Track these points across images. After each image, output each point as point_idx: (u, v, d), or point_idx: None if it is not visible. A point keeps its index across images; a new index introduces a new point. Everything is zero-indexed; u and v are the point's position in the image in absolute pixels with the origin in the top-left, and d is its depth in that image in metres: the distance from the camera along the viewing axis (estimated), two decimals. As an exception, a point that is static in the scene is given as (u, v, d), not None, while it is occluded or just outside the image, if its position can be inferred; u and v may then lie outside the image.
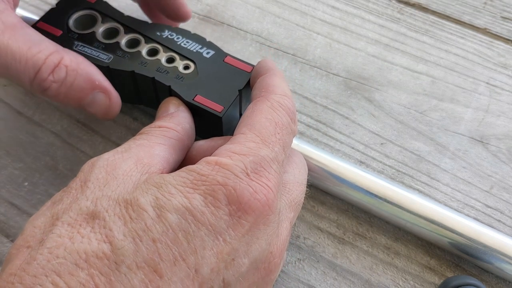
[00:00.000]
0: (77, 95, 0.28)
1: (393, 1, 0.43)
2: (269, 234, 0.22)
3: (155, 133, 0.26)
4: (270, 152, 0.23)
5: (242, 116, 0.26)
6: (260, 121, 0.24)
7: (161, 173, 0.23)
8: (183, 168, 0.22)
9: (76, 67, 0.27)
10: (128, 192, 0.21)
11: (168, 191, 0.20)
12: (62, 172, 0.33)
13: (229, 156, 0.22)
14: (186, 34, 0.32)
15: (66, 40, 0.31)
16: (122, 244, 0.19)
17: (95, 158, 0.23)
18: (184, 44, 0.31)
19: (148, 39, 0.31)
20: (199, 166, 0.21)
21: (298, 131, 0.36)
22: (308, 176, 0.31)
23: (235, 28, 0.41)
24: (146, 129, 0.26)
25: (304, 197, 0.32)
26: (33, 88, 0.27)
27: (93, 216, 0.20)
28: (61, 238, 0.19)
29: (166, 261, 0.19)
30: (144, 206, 0.20)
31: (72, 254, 0.18)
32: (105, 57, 0.30)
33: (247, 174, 0.21)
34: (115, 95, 0.29)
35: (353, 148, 0.35)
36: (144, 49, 0.31)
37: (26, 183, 0.33)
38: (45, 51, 0.26)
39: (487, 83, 0.38)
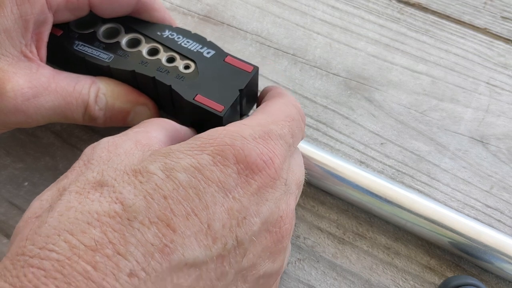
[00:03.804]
0: (121, 115, 0.31)
1: (393, 1, 0.43)
2: (277, 198, 0.23)
3: (151, 122, 0.27)
4: (279, 130, 0.24)
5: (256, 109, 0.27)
6: (271, 109, 0.26)
7: None
8: (190, 138, 0.23)
9: (111, 93, 0.30)
10: (135, 164, 0.21)
11: (176, 156, 0.21)
12: (62, 172, 0.33)
13: (238, 125, 0.23)
14: (186, 34, 0.32)
15: (66, 40, 0.31)
16: (133, 202, 0.19)
17: (95, 143, 0.24)
18: (185, 44, 0.31)
19: (149, 39, 0.31)
20: (206, 133, 0.22)
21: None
22: (308, 175, 0.31)
23: (235, 28, 0.41)
24: (143, 121, 0.27)
25: (304, 197, 0.32)
26: (85, 120, 0.30)
27: (101, 184, 0.20)
28: (71, 203, 0.19)
29: (178, 216, 0.19)
30: (153, 171, 0.20)
31: (84, 214, 0.18)
32: (105, 56, 0.30)
33: (255, 138, 0.22)
34: (153, 103, 0.32)
35: (353, 148, 0.35)
36: (144, 48, 0.31)
37: (26, 183, 0.33)
38: (86, 86, 0.29)
39: (487, 83, 0.38)
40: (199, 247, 0.19)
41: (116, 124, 0.32)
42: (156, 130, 0.25)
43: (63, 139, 0.34)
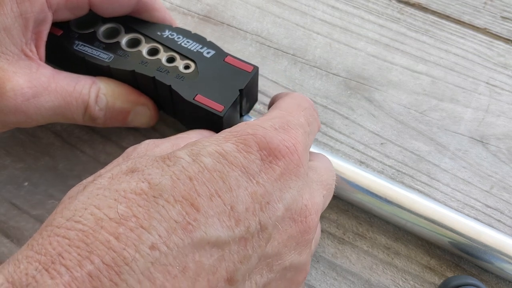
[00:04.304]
0: (121, 115, 0.31)
1: (393, 1, 0.43)
2: (300, 186, 0.23)
3: (195, 130, 0.28)
4: (296, 119, 0.25)
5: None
6: (282, 105, 0.27)
7: None
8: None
9: (112, 93, 0.30)
10: (165, 153, 0.22)
11: (202, 144, 0.22)
12: (62, 172, 0.33)
13: (257, 119, 0.24)
14: (186, 34, 0.32)
15: (66, 40, 0.31)
16: (160, 181, 0.19)
17: (137, 144, 0.26)
18: (185, 44, 0.31)
19: (149, 39, 0.31)
20: (230, 128, 0.23)
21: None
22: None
23: (235, 28, 0.41)
24: (190, 130, 0.29)
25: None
26: (85, 120, 0.31)
27: (132, 170, 0.20)
28: (101, 184, 0.20)
29: (203, 196, 0.19)
30: (180, 155, 0.21)
31: (112, 192, 0.19)
32: (105, 56, 0.30)
33: (275, 128, 0.23)
34: (153, 104, 0.32)
35: (353, 148, 0.35)
36: (144, 48, 0.31)
37: (26, 183, 0.33)
38: (86, 86, 0.29)
39: (487, 83, 0.38)
40: (222, 227, 0.19)
41: (116, 124, 0.32)
42: (196, 137, 0.26)
43: (63, 139, 0.34)
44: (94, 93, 0.30)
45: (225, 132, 0.23)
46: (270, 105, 0.31)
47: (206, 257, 0.19)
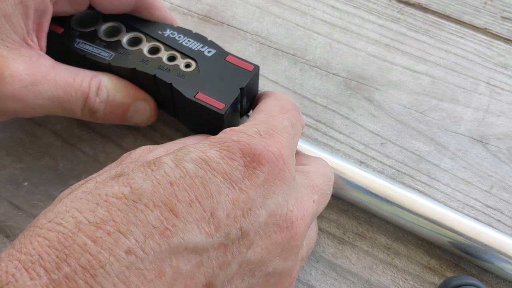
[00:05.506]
0: (120, 110, 0.31)
1: (393, 1, 0.43)
2: (285, 191, 0.23)
3: (194, 136, 0.28)
4: (280, 123, 0.25)
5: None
6: (266, 107, 0.27)
7: None
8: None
9: (113, 86, 0.30)
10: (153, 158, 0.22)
11: (187, 150, 0.22)
12: (62, 172, 0.33)
13: (243, 125, 0.24)
14: (187, 33, 0.32)
15: (67, 38, 0.31)
16: (140, 185, 0.19)
17: (132, 150, 0.26)
18: (186, 42, 0.31)
19: (150, 38, 0.31)
20: (217, 135, 0.23)
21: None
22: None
23: (235, 28, 0.41)
24: (188, 136, 0.29)
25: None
26: (84, 114, 0.30)
27: (119, 175, 0.21)
28: (88, 188, 0.20)
29: (182, 202, 0.19)
30: (165, 160, 0.21)
31: (94, 196, 0.19)
32: (106, 54, 0.30)
33: (260, 134, 0.23)
34: (153, 100, 0.32)
35: (353, 148, 0.35)
36: (145, 47, 0.31)
37: (26, 183, 0.32)
38: (86, 78, 0.29)
39: (487, 83, 0.38)
40: (200, 233, 0.19)
41: (115, 121, 0.31)
42: (193, 142, 0.27)
43: (63, 138, 0.34)
44: (95, 86, 0.30)
45: (211, 139, 0.23)
46: (255, 104, 0.31)
47: (184, 263, 0.19)
